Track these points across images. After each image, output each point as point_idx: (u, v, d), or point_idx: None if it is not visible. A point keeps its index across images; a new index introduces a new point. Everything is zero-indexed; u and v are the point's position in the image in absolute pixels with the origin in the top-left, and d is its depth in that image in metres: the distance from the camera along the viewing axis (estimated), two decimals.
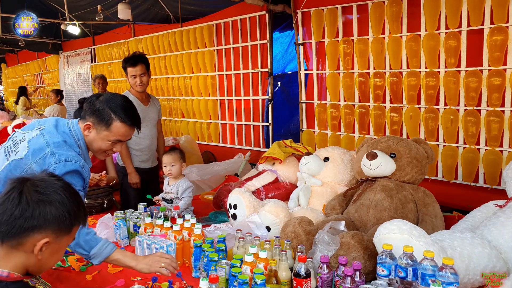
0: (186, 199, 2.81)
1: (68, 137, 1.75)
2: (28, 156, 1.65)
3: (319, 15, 4.14)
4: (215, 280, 1.50)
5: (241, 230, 2.12)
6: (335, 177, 2.63)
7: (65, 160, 1.64)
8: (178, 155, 2.89)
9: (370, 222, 2.13)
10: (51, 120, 1.83)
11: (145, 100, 3.37)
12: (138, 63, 3.22)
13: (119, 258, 1.73)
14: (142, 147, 3.32)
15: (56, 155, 1.64)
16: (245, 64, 5.07)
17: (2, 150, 1.79)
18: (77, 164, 1.67)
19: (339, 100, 4.15)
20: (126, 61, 3.27)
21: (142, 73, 3.23)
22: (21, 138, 1.76)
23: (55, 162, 1.63)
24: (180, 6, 5.80)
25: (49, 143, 1.68)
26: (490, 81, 3.12)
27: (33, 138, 1.71)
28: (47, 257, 1.12)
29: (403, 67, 3.61)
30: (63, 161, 1.64)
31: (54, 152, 1.65)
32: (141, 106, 3.29)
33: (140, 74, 3.22)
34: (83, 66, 8.57)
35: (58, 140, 1.70)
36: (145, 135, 3.29)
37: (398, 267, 1.52)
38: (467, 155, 3.30)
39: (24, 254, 1.08)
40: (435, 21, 3.35)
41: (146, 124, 3.29)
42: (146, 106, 3.34)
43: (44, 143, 1.68)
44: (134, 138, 3.26)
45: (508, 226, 1.78)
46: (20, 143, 1.74)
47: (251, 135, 5.17)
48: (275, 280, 1.65)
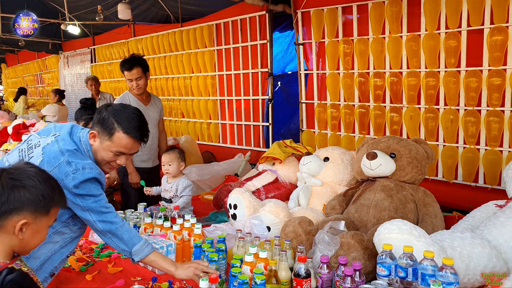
0: (185, 197, 2.81)
1: (79, 147, 1.74)
2: (43, 165, 1.62)
3: (319, 15, 4.14)
4: (215, 280, 1.50)
5: (241, 230, 2.12)
6: (335, 177, 2.63)
7: (83, 169, 1.63)
8: (176, 154, 2.89)
9: (370, 222, 2.13)
10: (67, 126, 1.80)
11: (146, 100, 3.36)
12: (134, 67, 3.18)
13: (157, 260, 1.73)
14: (142, 147, 3.31)
15: (72, 165, 1.62)
16: (245, 64, 5.07)
17: (17, 152, 1.77)
18: (94, 172, 1.66)
19: (339, 100, 4.15)
20: (122, 64, 3.25)
21: (138, 76, 3.20)
22: (35, 143, 1.74)
23: (73, 172, 1.61)
24: (180, 6, 5.80)
25: (63, 151, 1.66)
26: (490, 81, 3.12)
27: (47, 145, 1.69)
28: (29, 237, 1.22)
29: (403, 67, 3.61)
30: (80, 169, 1.62)
31: (70, 161, 1.63)
32: (141, 106, 3.29)
33: (136, 78, 3.20)
34: (83, 66, 8.57)
35: (71, 148, 1.68)
36: None
37: (398, 267, 1.52)
38: (467, 155, 3.30)
39: (8, 236, 1.19)
40: (435, 21, 3.35)
41: None
42: (146, 106, 3.34)
43: (59, 151, 1.66)
44: None
45: (508, 226, 1.78)
46: (34, 148, 1.72)
47: (251, 135, 5.17)
48: (275, 280, 1.65)
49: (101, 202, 1.67)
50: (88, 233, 2.46)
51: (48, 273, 1.70)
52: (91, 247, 2.28)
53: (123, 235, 1.70)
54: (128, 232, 1.71)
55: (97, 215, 1.66)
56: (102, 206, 1.68)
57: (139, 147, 1.84)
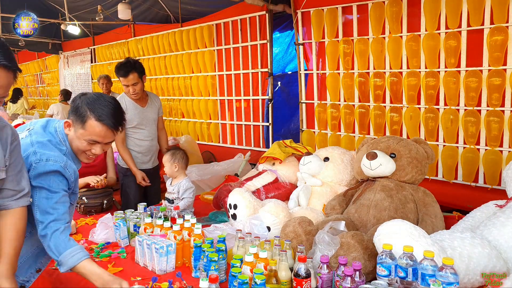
0: (186, 199, 2.80)
1: (54, 137, 1.71)
2: None
3: (319, 15, 4.14)
4: (215, 280, 1.50)
5: (241, 230, 2.12)
6: (335, 177, 2.63)
7: (46, 160, 1.60)
8: (169, 156, 2.88)
9: (370, 222, 2.13)
10: (42, 120, 1.80)
11: (143, 101, 3.30)
12: (130, 73, 3.10)
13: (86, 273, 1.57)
14: (142, 149, 3.31)
15: (37, 154, 1.61)
16: (245, 64, 5.07)
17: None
18: (58, 165, 1.61)
19: (339, 100, 4.15)
20: (117, 70, 3.17)
21: (134, 82, 3.13)
22: None
23: (35, 162, 1.59)
24: (180, 6, 5.80)
25: (34, 142, 1.65)
26: (490, 81, 3.12)
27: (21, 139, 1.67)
28: None
29: (403, 67, 3.61)
30: (43, 160, 1.60)
31: (36, 152, 1.62)
32: (138, 108, 3.25)
33: (132, 84, 3.14)
34: (83, 66, 8.57)
35: (42, 140, 1.67)
36: (144, 136, 3.28)
37: (398, 267, 1.52)
38: (467, 155, 3.30)
39: None
40: (435, 21, 3.35)
41: (145, 126, 3.28)
42: (143, 108, 3.29)
43: (29, 143, 1.65)
44: (134, 140, 3.26)
45: (508, 226, 1.78)
46: None
47: (251, 135, 5.17)
48: (275, 280, 1.65)
49: (51, 201, 1.60)
50: (88, 233, 2.47)
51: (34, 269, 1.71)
52: (91, 247, 2.28)
53: (50, 241, 1.57)
54: (56, 239, 1.57)
55: (41, 215, 1.58)
56: (50, 206, 1.59)
57: (114, 135, 1.75)
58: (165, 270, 1.93)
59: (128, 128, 3.20)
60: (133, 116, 3.20)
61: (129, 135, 3.25)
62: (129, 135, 3.25)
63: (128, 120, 3.05)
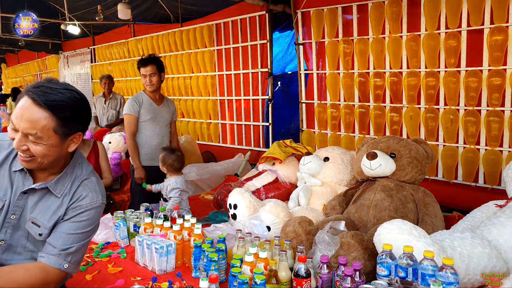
0: (173, 199, 2.79)
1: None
2: None
3: (319, 15, 4.14)
4: (215, 280, 1.49)
5: (241, 230, 2.12)
6: (335, 177, 2.63)
7: None
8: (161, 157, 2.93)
9: (370, 222, 2.13)
10: None
11: (158, 101, 3.47)
12: (149, 64, 3.31)
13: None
14: (151, 145, 3.38)
15: None
16: (245, 64, 5.07)
17: None
18: None
19: (339, 100, 4.15)
20: (138, 62, 3.39)
21: (152, 73, 3.33)
22: None
23: None
24: (180, 6, 5.79)
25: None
26: (490, 81, 3.12)
27: None
28: None
29: (403, 67, 3.61)
30: None
31: None
32: (153, 105, 3.41)
33: (150, 74, 3.32)
34: (83, 66, 8.56)
35: None
36: (155, 133, 3.39)
37: (398, 267, 1.52)
38: (467, 155, 3.30)
39: None
40: (435, 21, 3.35)
41: (158, 122, 3.42)
42: (159, 106, 3.44)
43: None
44: (146, 134, 3.38)
45: (508, 226, 1.78)
46: None
47: (251, 135, 5.17)
48: (275, 280, 1.65)
49: None
50: None
51: None
52: (91, 247, 2.27)
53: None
54: None
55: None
56: None
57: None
58: (165, 270, 1.93)
59: (141, 122, 3.36)
60: (147, 110, 3.36)
61: (141, 130, 3.38)
62: (142, 130, 3.38)
63: (142, 114, 3.33)
